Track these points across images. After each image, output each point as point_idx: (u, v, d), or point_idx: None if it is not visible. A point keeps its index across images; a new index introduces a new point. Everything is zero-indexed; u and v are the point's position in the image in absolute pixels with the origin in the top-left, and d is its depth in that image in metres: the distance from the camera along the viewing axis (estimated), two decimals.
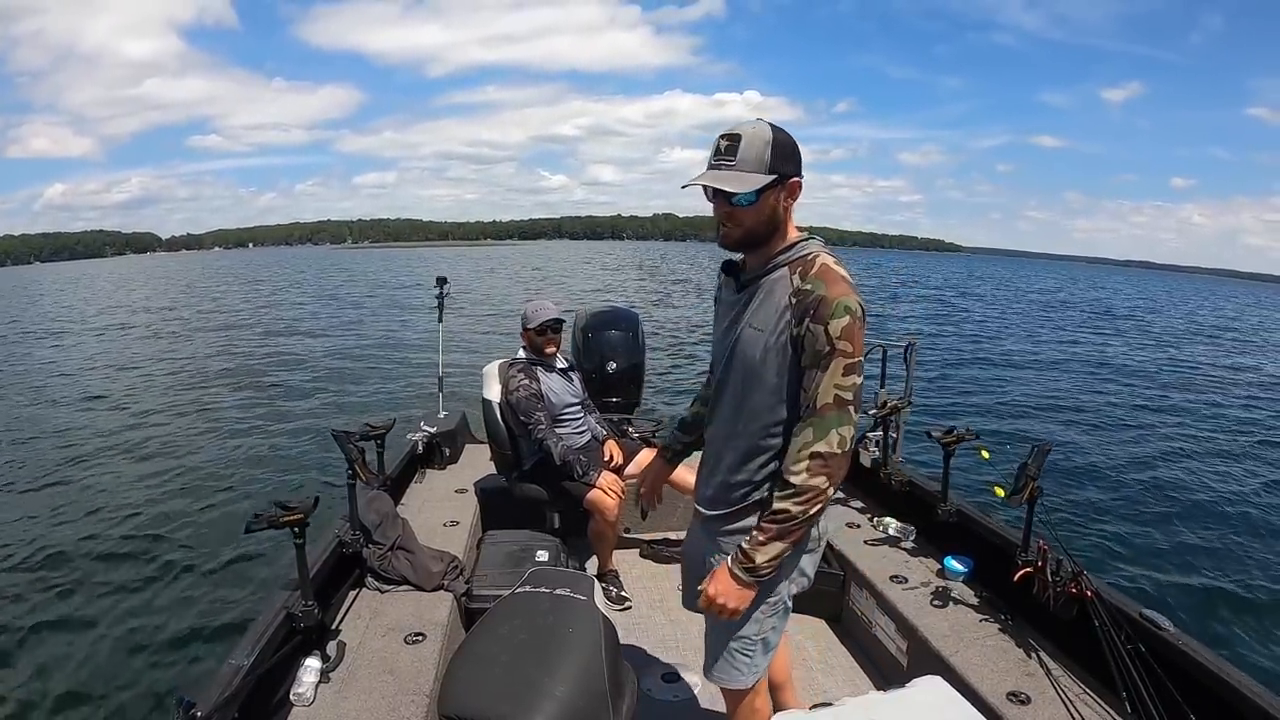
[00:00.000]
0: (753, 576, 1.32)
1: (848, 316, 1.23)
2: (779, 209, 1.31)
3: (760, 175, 1.26)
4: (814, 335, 1.24)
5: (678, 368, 11.54)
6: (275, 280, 39.30)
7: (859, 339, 1.24)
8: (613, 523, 2.74)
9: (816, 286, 1.25)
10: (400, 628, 2.08)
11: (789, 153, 1.28)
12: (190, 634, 3.82)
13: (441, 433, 3.59)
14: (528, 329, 2.91)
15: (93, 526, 5.26)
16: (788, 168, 1.29)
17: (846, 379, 1.24)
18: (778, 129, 1.28)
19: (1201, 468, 7.51)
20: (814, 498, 1.26)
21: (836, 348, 1.23)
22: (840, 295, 1.24)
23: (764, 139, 1.26)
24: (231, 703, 1.51)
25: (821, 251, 1.31)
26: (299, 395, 9.91)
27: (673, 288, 30.14)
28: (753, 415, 1.36)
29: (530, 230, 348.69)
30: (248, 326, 17.90)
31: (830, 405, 1.24)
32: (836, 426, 1.25)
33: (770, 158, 1.26)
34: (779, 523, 1.28)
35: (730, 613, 1.36)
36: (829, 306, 1.23)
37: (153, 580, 4.45)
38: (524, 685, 1.35)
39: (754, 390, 1.34)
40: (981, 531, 2.40)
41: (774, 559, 1.30)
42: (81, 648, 3.70)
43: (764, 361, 1.31)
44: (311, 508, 1.79)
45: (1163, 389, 12.05)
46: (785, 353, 1.28)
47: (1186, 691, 1.58)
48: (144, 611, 4.07)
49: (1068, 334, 20.26)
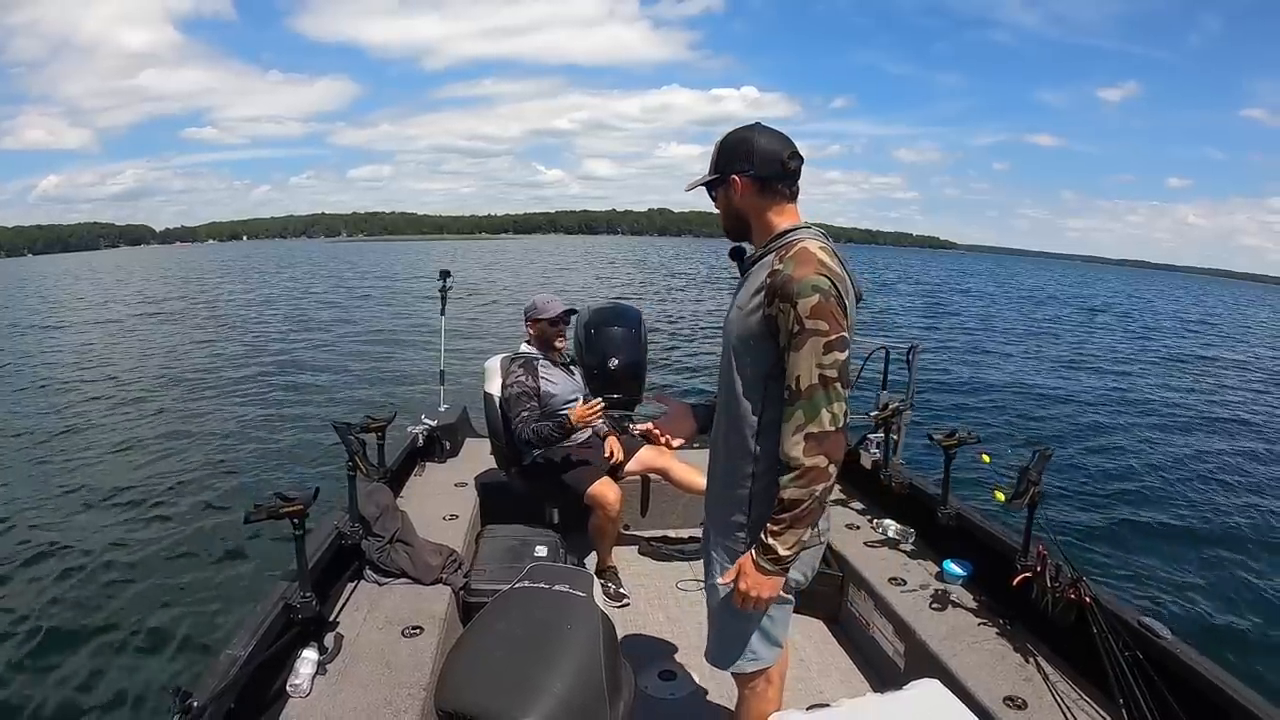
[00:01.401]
0: (778, 565, 1.36)
1: (816, 295, 1.26)
2: (732, 202, 1.43)
3: (708, 175, 1.44)
4: (784, 314, 1.28)
5: (680, 364, 11.54)
6: (274, 273, 39.30)
7: (833, 315, 1.27)
8: (614, 518, 2.74)
9: (787, 266, 1.30)
10: (398, 620, 2.08)
11: (737, 153, 1.39)
12: (188, 624, 3.83)
13: (442, 426, 3.59)
14: (539, 320, 2.89)
15: (91, 517, 5.28)
16: (732, 166, 1.40)
17: (828, 356, 1.26)
18: (738, 130, 1.42)
19: (1204, 475, 7.50)
20: (815, 478, 1.29)
21: (807, 327, 1.26)
22: (806, 275, 1.27)
23: (718, 143, 1.43)
24: (228, 693, 1.52)
25: (808, 238, 1.36)
26: (300, 387, 9.92)
27: (670, 281, 30.11)
28: (735, 394, 1.42)
29: (525, 224, 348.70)
30: (248, 318, 17.92)
31: (815, 385, 1.27)
32: (825, 405, 1.27)
33: (715, 158, 1.43)
34: (788, 508, 1.32)
35: (764, 603, 1.40)
36: (795, 285, 1.27)
37: (151, 570, 4.46)
38: (521, 681, 1.35)
39: (738, 367, 1.41)
40: (981, 535, 2.39)
41: (794, 545, 1.34)
42: (79, 637, 3.71)
43: (742, 340, 1.38)
44: (311, 499, 1.79)
45: (1165, 395, 12.02)
46: (761, 332, 1.33)
47: (1183, 700, 1.57)
48: (142, 602, 4.08)
49: (1068, 334, 20.21)
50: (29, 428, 7.85)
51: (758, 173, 1.38)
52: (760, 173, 1.38)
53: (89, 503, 5.56)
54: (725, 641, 1.53)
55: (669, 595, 2.85)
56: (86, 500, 5.60)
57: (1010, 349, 16.21)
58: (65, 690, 3.30)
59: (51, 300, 26.77)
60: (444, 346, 4.16)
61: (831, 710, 1.40)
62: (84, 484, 6.00)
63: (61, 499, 5.63)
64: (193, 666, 3.36)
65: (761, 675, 1.55)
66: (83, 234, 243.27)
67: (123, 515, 5.29)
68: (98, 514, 5.31)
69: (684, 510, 3.42)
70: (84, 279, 40.78)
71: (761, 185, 1.39)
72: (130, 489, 5.86)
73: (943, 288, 39.51)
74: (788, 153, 1.37)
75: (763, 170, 1.38)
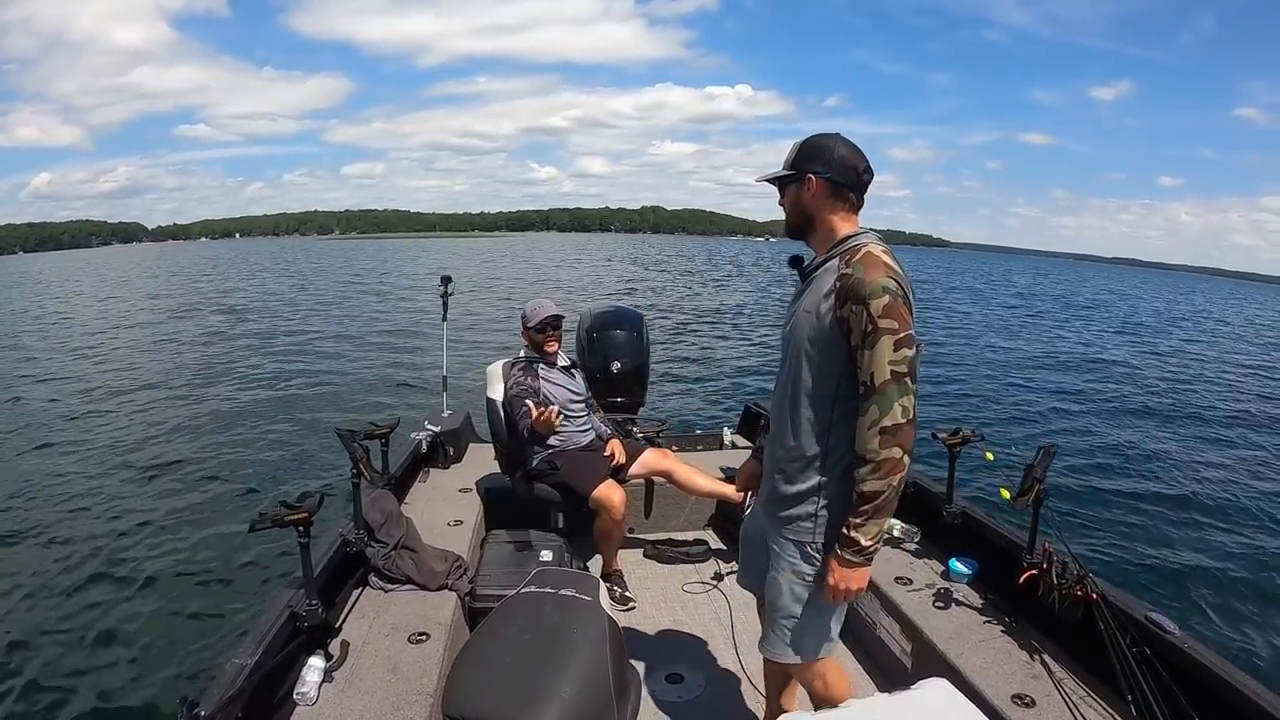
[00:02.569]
0: (863, 557, 1.41)
1: (886, 295, 1.33)
2: (802, 199, 1.49)
3: (783, 170, 1.51)
4: (857, 315, 1.35)
5: (682, 367, 11.55)
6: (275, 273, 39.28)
7: (902, 314, 1.34)
8: (619, 521, 2.74)
9: (856, 270, 1.36)
10: (404, 627, 2.08)
11: (817, 155, 1.47)
12: (194, 633, 3.82)
13: (445, 432, 3.60)
14: (528, 328, 2.93)
15: (95, 524, 5.27)
16: (810, 166, 1.47)
17: (898, 353, 1.34)
18: (819, 135, 1.50)
19: (1210, 470, 7.48)
20: (892, 469, 1.35)
21: (880, 325, 1.33)
22: (877, 277, 1.34)
23: (798, 144, 1.51)
24: (235, 702, 1.52)
25: (870, 243, 1.43)
26: (303, 394, 9.92)
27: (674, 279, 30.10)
28: (805, 393, 1.47)
29: (518, 222, 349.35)
30: (251, 324, 17.93)
31: (889, 380, 1.34)
32: (898, 399, 1.34)
33: (793, 157, 1.50)
34: (869, 500, 1.38)
35: (854, 594, 1.46)
36: (866, 288, 1.34)
37: (156, 579, 4.45)
38: (529, 686, 1.35)
39: (805, 370, 1.46)
40: (986, 533, 2.39)
41: (876, 536, 1.41)
42: (84, 646, 3.71)
43: (813, 342, 1.44)
44: (316, 507, 1.80)
45: (1170, 391, 12.00)
46: (833, 333, 1.40)
47: (1192, 695, 1.57)
48: (148, 610, 4.08)
49: (1069, 334, 20.19)
50: (31, 434, 7.86)
51: (833, 176, 1.45)
52: (835, 177, 1.45)
53: (92, 512, 5.54)
54: (797, 633, 1.56)
55: (675, 598, 2.85)
56: (89, 509, 5.59)
57: (1010, 347, 16.20)
58: (71, 701, 3.30)
59: (45, 301, 26.73)
60: (446, 352, 4.16)
61: (840, 711, 1.39)
62: (86, 492, 5.99)
63: (63, 507, 5.62)
64: (199, 676, 3.36)
65: (819, 667, 1.62)
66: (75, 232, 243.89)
67: (127, 524, 5.28)
68: (101, 523, 5.30)
69: (688, 513, 3.42)
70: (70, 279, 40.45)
71: (834, 189, 1.46)
72: (133, 497, 5.85)
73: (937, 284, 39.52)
74: (863, 165, 1.46)
75: (838, 175, 1.45)
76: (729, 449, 3.96)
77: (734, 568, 3.05)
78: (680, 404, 9.12)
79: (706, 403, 9.34)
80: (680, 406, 8.94)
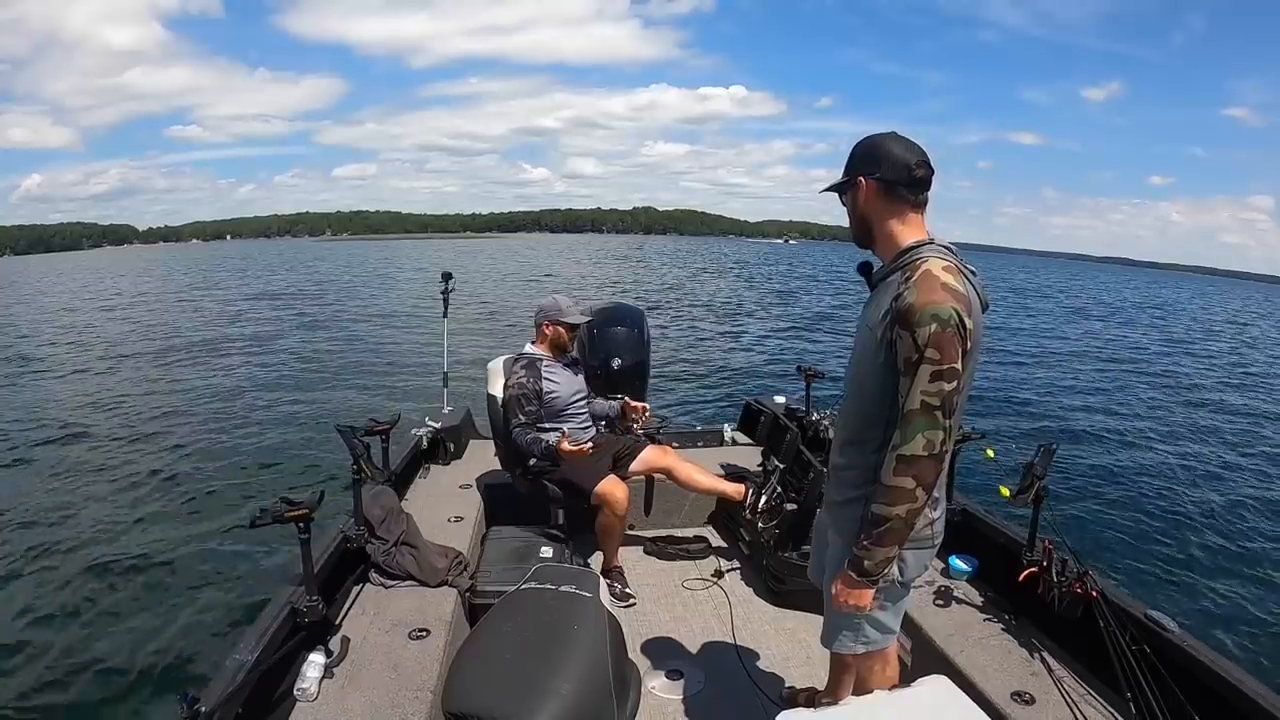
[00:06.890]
0: (866, 578, 1.41)
1: (935, 324, 1.26)
2: (857, 205, 1.44)
3: (839, 180, 1.46)
4: (904, 341, 1.30)
5: (682, 365, 11.54)
6: (272, 273, 39.28)
7: (949, 346, 1.27)
8: (621, 516, 2.74)
9: (910, 293, 1.30)
10: (404, 623, 2.08)
11: (867, 156, 1.41)
12: (194, 629, 3.83)
13: (446, 428, 3.60)
14: (560, 322, 2.89)
15: (96, 522, 5.28)
16: (861, 169, 1.42)
17: (933, 385, 1.28)
18: (873, 136, 1.44)
19: (1209, 468, 7.49)
20: (898, 498, 1.32)
21: (926, 355, 1.27)
22: (929, 303, 1.27)
23: (853, 148, 1.45)
24: (235, 698, 1.52)
25: (931, 256, 1.35)
26: (303, 391, 9.92)
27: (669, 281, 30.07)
28: (860, 406, 1.46)
29: (510, 223, 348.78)
30: (249, 323, 17.93)
31: (917, 410, 1.29)
32: (923, 430, 1.29)
33: (848, 162, 1.45)
34: (875, 524, 1.36)
35: (853, 609, 1.46)
36: (916, 314, 1.27)
37: (157, 575, 4.46)
38: (529, 682, 1.35)
39: (862, 383, 1.44)
40: (986, 531, 2.39)
41: (880, 563, 1.39)
42: (84, 643, 3.72)
43: (871, 358, 1.40)
44: (316, 503, 1.80)
45: (1171, 389, 12.00)
46: (886, 353, 1.36)
47: (1191, 693, 1.57)
48: (148, 607, 4.09)
49: (1069, 333, 20.20)
50: (31, 434, 7.86)
51: (883, 176, 1.39)
52: (886, 176, 1.39)
53: (93, 509, 5.56)
54: (839, 626, 1.57)
55: (675, 595, 2.85)
56: (90, 506, 5.61)
57: (1009, 345, 16.19)
58: (72, 696, 3.31)
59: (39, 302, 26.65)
60: (446, 348, 4.16)
61: (839, 708, 1.40)
62: (87, 489, 6.00)
63: (64, 505, 5.63)
64: (199, 671, 3.37)
65: (878, 656, 1.60)
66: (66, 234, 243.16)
67: (127, 520, 5.29)
68: (101, 521, 5.30)
69: (688, 510, 3.42)
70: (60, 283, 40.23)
71: (886, 189, 1.40)
72: (133, 494, 5.86)
73: None
74: (915, 160, 1.38)
75: (889, 174, 1.39)
76: (729, 446, 3.96)
77: (734, 564, 3.06)
78: (681, 401, 9.12)
79: (707, 400, 9.34)
80: (680, 403, 8.95)
